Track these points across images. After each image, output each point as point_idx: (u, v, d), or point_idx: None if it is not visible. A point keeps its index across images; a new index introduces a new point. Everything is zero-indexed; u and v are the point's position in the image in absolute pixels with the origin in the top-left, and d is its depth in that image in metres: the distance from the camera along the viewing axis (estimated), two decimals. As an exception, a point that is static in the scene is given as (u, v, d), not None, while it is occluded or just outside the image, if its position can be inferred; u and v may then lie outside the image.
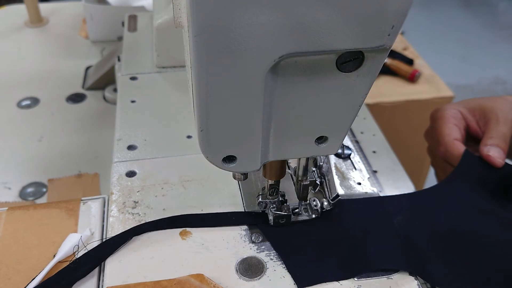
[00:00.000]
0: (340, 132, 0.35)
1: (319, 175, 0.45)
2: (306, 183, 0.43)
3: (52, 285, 0.39)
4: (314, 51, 0.27)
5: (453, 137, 0.53)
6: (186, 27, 0.27)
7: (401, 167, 0.56)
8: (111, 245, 0.42)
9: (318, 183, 0.44)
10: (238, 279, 0.40)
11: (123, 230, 0.44)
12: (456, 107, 0.56)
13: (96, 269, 0.42)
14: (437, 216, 0.45)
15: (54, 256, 0.42)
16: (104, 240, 0.43)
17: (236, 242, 0.43)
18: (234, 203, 0.47)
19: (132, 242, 0.43)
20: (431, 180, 0.54)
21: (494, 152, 0.49)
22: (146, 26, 0.79)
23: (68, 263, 0.41)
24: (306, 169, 0.42)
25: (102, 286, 0.40)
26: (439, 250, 0.42)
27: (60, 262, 0.41)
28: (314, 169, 0.45)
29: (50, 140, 0.73)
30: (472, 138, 0.56)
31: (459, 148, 0.52)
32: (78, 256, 0.42)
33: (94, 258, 0.42)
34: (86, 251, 0.42)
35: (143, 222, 0.45)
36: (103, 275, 0.41)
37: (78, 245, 0.42)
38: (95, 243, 0.44)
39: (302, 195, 0.44)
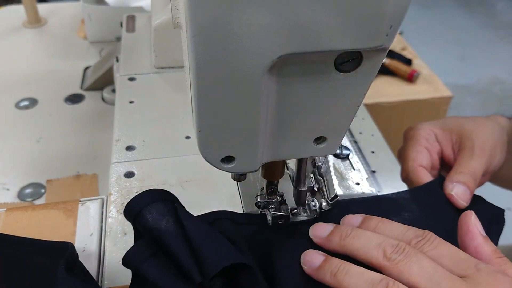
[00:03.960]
0: (338, 132, 0.35)
1: (318, 177, 0.45)
2: (303, 189, 0.43)
3: None
4: (313, 51, 0.27)
5: (418, 163, 0.47)
6: (184, 27, 0.27)
7: (399, 167, 0.56)
8: None
9: (316, 189, 0.44)
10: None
11: (121, 231, 0.44)
12: (431, 128, 0.50)
13: (95, 270, 0.42)
14: None
15: None
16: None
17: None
18: (232, 203, 0.47)
19: (131, 242, 0.43)
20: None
21: (458, 191, 0.43)
22: (144, 26, 0.79)
23: None
24: (303, 174, 0.42)
25: (102, 287, 0.40)
26: None
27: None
28: (311, 175, 0.44)
29: (48, 141, 0.73)
30: (447, 165, 0.49)
31: (422, 176, 0.46)
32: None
33: None
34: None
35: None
36: (103, 276, 0.41)
37: None
38: (94, 244, 0.44)
39: (300, 201, 0.44)
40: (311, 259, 0.38)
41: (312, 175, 0.44)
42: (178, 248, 0.35)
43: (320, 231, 0.40)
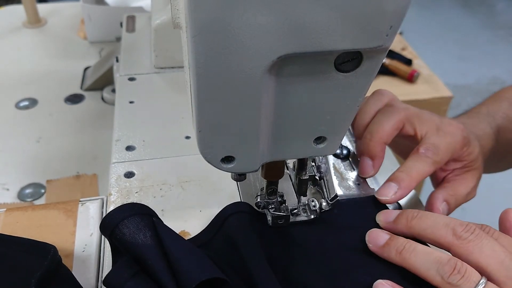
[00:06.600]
0: (338, 132, 0.35)
1: (318, 172, 0.45)
2: (305, 178, 0.43)
3: None
4: (313, 51, 0.27)
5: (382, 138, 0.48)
6: (184, 27, 0.27)
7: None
8: None
9: (318, 178, 0.44)
10: (237, 280, 0.40)
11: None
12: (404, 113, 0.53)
13: (94, 270, 0.42)
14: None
15: None
16: None
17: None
18: (232, 203, 0.47)
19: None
20: (429, 180, 0.54)
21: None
22: (144, 26, 0.79)
23: None
24: (304, 164, 0.42)
25: (101, 286, 0.40)
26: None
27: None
28: (313, 164, 0.44)
29: (48, 141, 0.73)
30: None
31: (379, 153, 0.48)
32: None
33: None
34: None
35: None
36: (103, 277, 0.41)
37: None
38: (94, 244, 0.44)
39: (301, 190, 0.44)
40: (376, 237, 0.39)
41: (313, 163, 0.44)
42: (155, 262, 0.34)
43: (386, 216, 0.41)
